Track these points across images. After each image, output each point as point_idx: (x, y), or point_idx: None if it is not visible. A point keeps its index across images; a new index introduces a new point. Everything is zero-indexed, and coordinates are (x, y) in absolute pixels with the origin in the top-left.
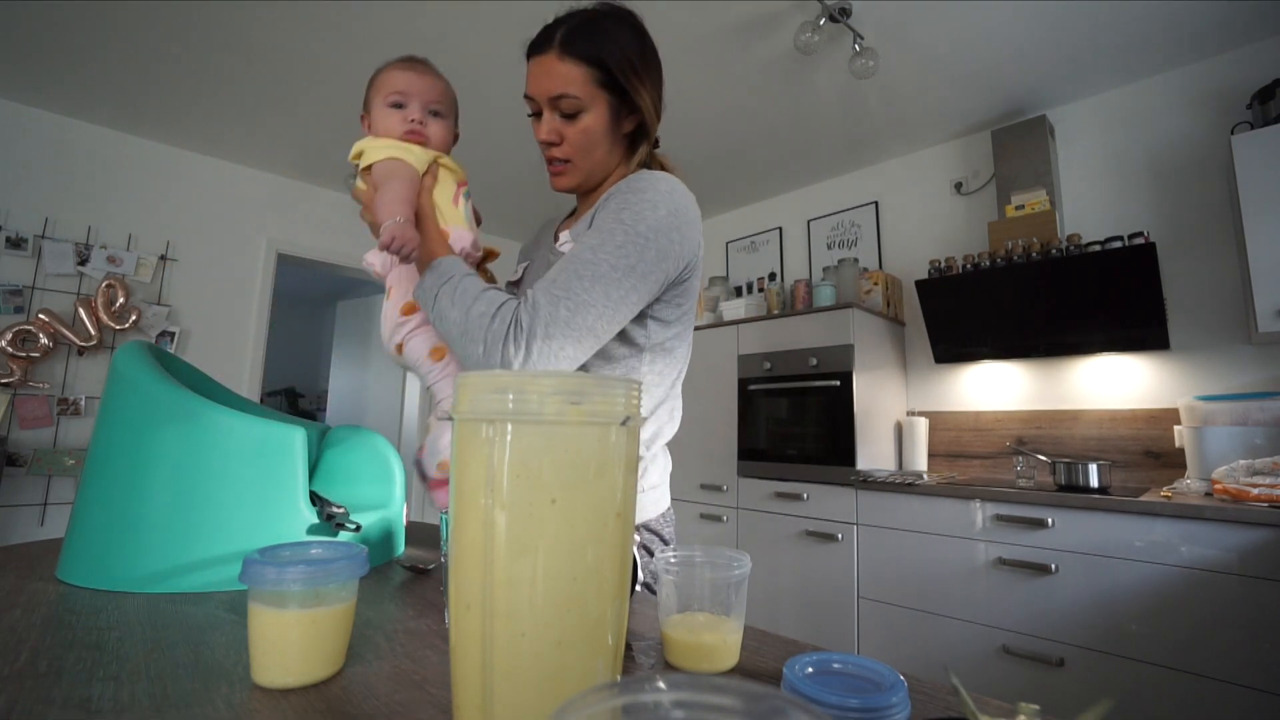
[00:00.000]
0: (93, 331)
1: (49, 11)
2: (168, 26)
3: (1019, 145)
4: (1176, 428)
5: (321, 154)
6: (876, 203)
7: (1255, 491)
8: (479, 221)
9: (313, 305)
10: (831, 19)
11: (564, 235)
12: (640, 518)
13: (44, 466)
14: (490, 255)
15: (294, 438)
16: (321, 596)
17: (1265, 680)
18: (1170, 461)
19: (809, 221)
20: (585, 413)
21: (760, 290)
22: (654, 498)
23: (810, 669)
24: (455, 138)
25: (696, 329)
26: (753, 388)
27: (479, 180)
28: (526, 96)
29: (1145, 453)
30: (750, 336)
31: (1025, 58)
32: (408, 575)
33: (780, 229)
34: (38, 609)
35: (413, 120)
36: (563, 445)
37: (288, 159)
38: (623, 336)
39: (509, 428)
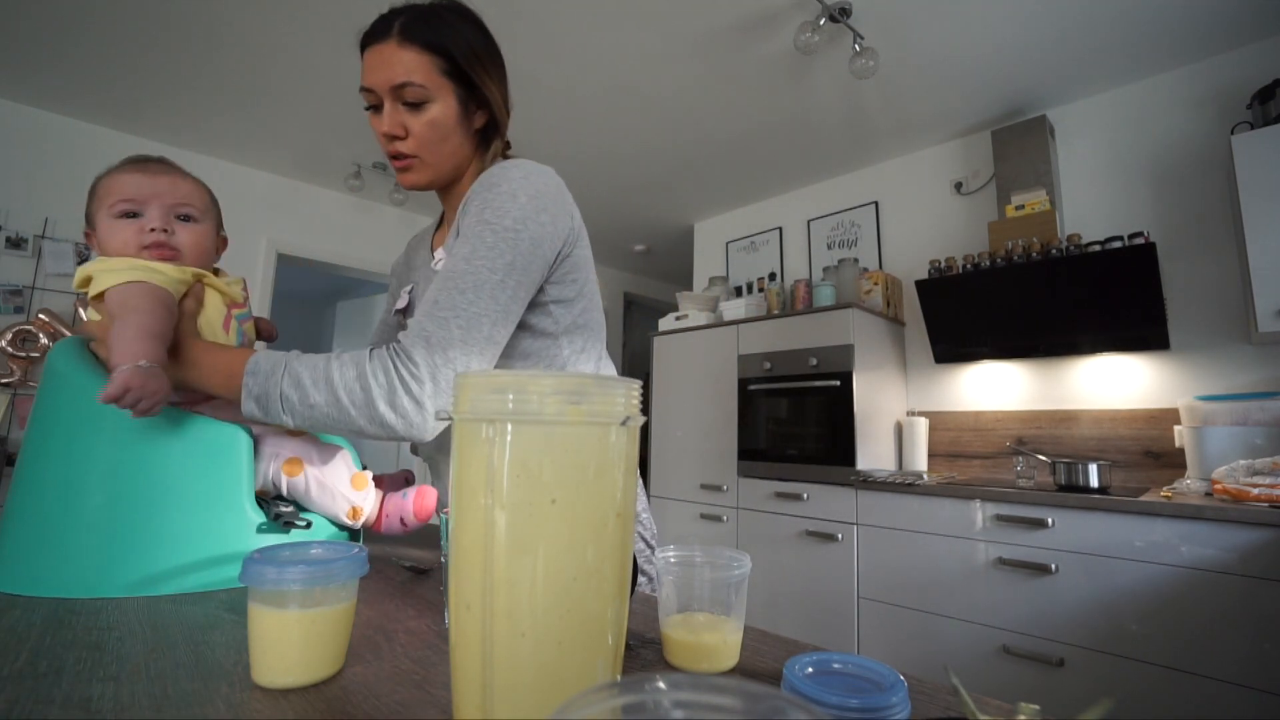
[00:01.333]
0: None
1: (49, 11)
2: (168, 26)
3: (1019, 145)
4: (1176, 428)
5: (321, 154)
6: (876, 203)
7: (1255, 491)
8: (271, 338)
9: (313, 305)
10: (831, 19)
11: (439, 253)
12: None
13: None
14: None
15: (238, 436)
16: (321, 596)
17: (1265, 680)
18: (1170, 461)
19: (809, 221)
20: (585, 413)
21: (760, 290)
22: None
23: (810, 669)
24: (224, 242)
25: (697, 329)
26: (753, 388)
27: None
28: (364, 89)
29: (1145, 453)
30: (750, 336)
31: (1025, 58)
32: (408, 575)
33: (780, 229)
34: (37, 609)
35: (152, 230)
36: (563, 445)
37: (288, 159)
38: (533, 331)
39: (509, 428)
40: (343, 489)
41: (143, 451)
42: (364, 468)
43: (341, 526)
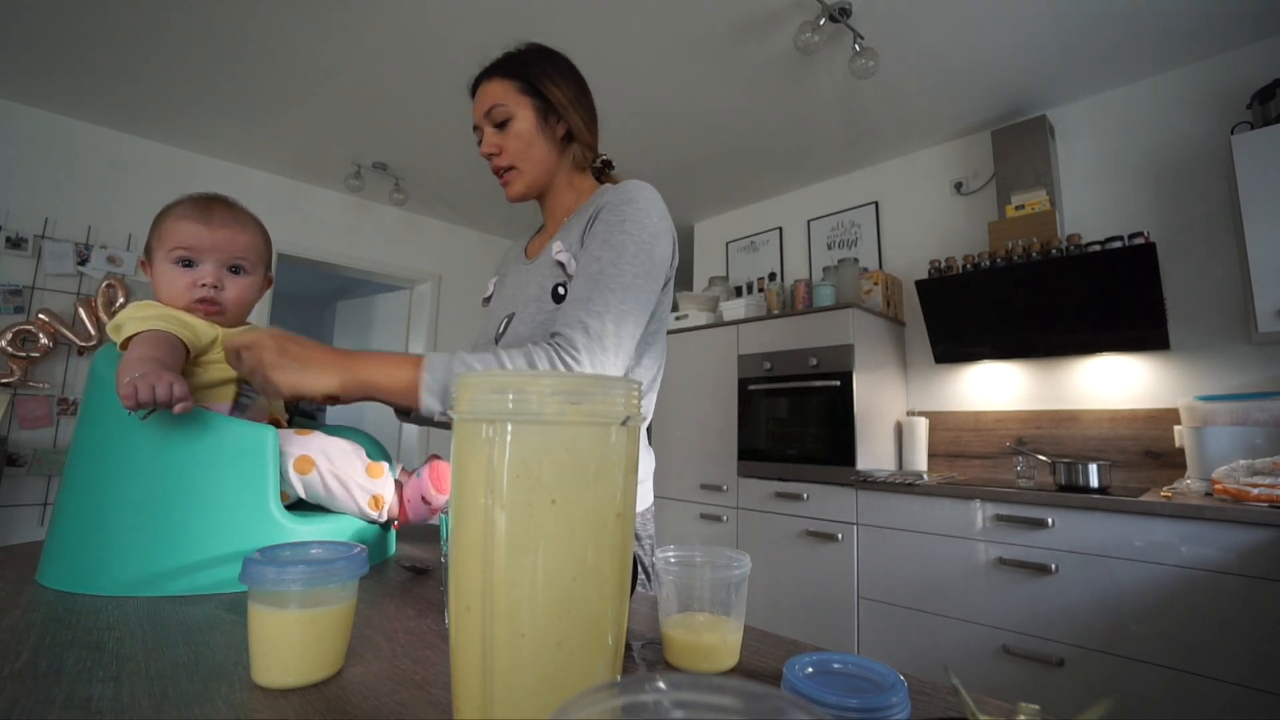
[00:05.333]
0: (93, 331)
1: (49, 11)
2: (168, 26)
3: (1019, 145)
4: (1176, 428)
5: (321, 154)
6: (876, 203)
7: (1255, 491)
8: None
9: (313, 305)
10: (831, 19)
11: (556, 246)
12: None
13: (44, 467)
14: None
15: (265, 437)
16: (321, 596)
17: (1265, 680)
18: (1170, 461)
19: (809, 221)
20: (585, 413)
21: (760, 290)
22: (642, 492)
23: (810, 669)
24: (269, 283)
25: (697, 329)
26: (753, 388)
27: (490, 187)
28: (474, 128)
29: (1145, 453)
30: (750, 336)
31: (1025, 58)
32: (408, 575)
33: (780, 229)
34: (38, 609)
35: (204, 285)
36: (563, 445)
37: (288, 159)
38: None
39: (509, 428)
40: (358, 479)
41: (175, 454)
42: (390, 463)
43: (369, 521)
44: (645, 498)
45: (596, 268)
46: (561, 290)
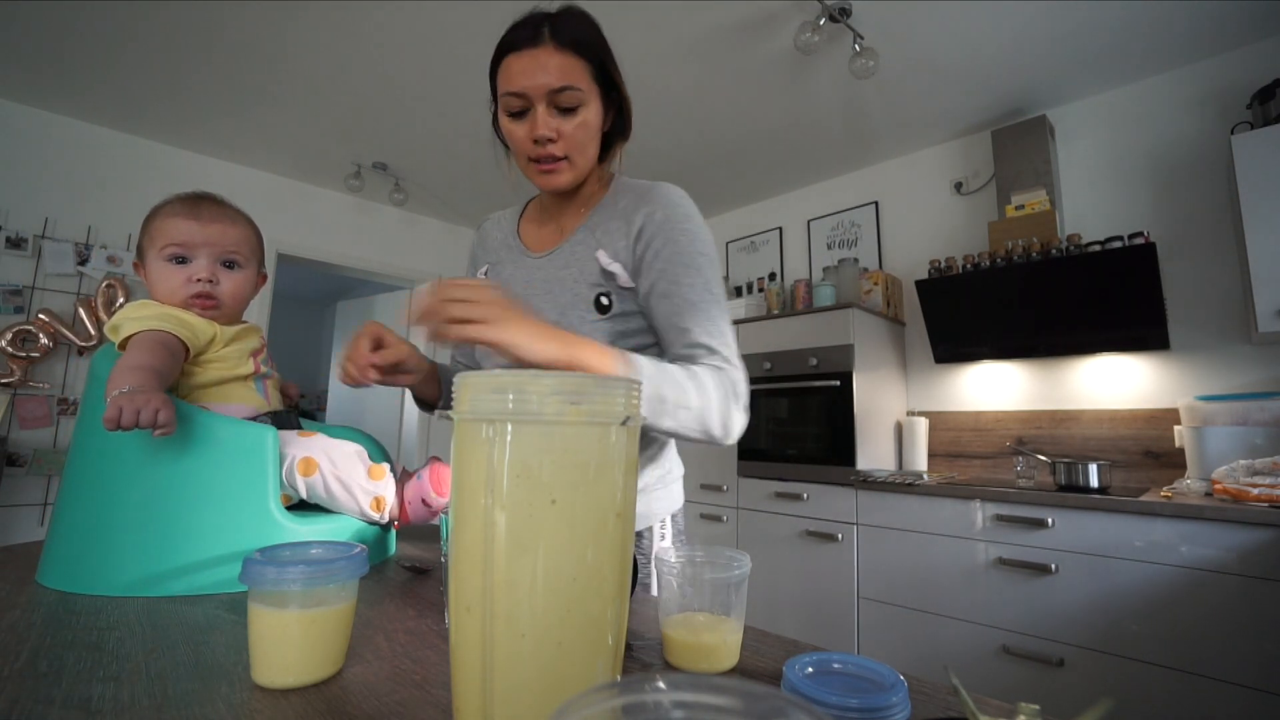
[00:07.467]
0: (93, 331)
1: (50, 12)
2: (168, 27)
3: (1019, 145)
4: (1176, 428)
5: (321, 154)
6: (876, 203)
7: (1255, 491)
8: (294, 396)
9: (312, 305)
10: (831, 19)
11: (604, 257)
12: (671, 507)
13: (44, 466)
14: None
15: (265, 438)
16: (321, 596)
17: (1265, 680)
18: (1170, 461)
19: (809, 221)
20: (585, 413)
21: (760, 290)
22: (675, 493)
23: (810, 669)
24: (263, 279)
25: None
26: (753, 388)
27: (490, 187)
28: (511, 94)
29: (1145, 453)
30: (750, 336)
31: (1025, 58)
32: (408, 575)
33: (780, 229)
34: (38, 609)
35: (198, 280)
36: (563, 445)
37: (288, 159)
38: (654, 348)
39: (509, 428)
40: (360, 481)
41: (175, 454)
42: (392, 465)
43: (370, 522)
44: (677, 499)
45: (698, 294)
46: (605, 300)
